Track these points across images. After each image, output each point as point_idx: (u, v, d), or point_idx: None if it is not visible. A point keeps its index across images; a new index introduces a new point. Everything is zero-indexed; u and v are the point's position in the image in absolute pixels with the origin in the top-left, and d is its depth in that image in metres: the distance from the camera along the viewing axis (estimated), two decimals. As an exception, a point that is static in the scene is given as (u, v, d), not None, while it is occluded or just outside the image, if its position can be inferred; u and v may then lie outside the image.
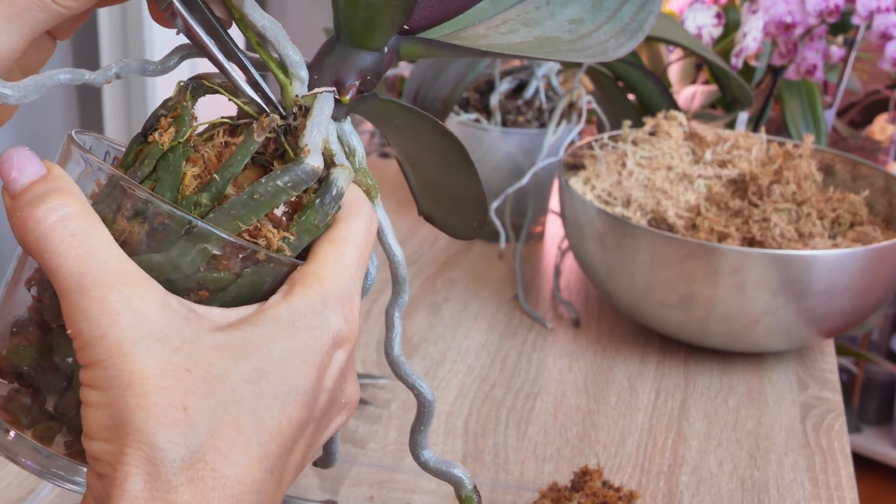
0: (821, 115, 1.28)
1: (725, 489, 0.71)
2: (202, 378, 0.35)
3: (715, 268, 0.79)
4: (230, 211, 0.39)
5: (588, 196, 0.91)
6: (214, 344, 0.36)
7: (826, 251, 0.79)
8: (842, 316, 0.83)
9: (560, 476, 0.71)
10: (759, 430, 0.78)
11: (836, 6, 1.13)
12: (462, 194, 0.51)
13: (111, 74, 0.43)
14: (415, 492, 0.69)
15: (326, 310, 0.38)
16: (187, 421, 0.34)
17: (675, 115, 0.98)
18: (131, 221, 0.38)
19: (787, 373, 0.86)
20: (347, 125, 0.44)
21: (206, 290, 0.38)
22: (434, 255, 1.05)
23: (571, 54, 0.47)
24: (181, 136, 0.40)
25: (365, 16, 0.43)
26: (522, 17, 0.49)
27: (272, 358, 0.37)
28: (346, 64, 0.44)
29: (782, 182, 0.89)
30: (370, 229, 0.41)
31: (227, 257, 0.38)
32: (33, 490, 0.67)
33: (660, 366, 0.87)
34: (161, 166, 0.40)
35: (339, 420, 0.41)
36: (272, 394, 0.36)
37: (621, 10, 0.50)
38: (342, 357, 0.39)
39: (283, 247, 0.39)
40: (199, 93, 0.43)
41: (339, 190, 0.40)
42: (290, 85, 0.43)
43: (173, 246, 0.37)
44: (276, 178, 0.39)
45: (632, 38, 0.48)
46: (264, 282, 0.39)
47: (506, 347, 0.88)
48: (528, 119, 1.05)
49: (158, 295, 0.36)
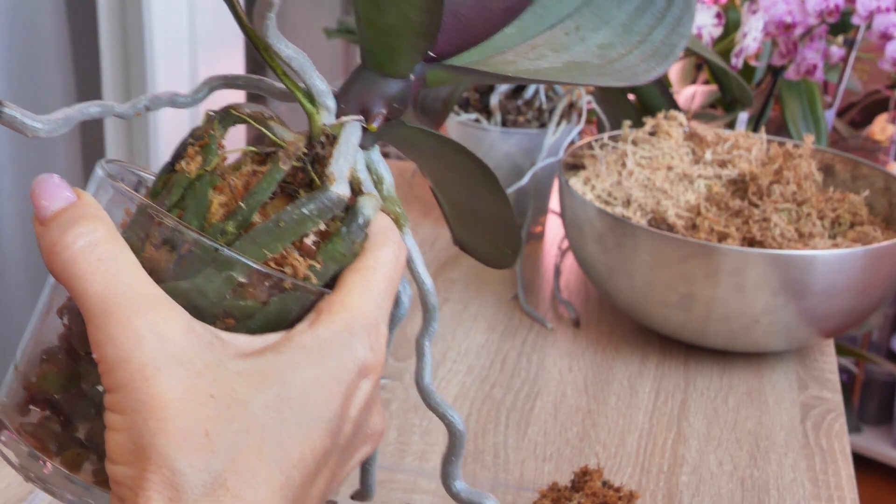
0: (821, 115, 1.28)
1: (725, 489, 0.71)
2: (225, 403, 0.35)
3: (715, 268, 0.79)
4: (256, 238, 0.39)
5: (588, 196, 0.91)
6: (238, 370, 0.36)
7: (826, 251, 0.79)
8: (842, 316, 0.83)
9: (560, 476, 0.71)
10: (759, 430, 0.78)
11: (836, 6, 1.13)
12: (493, 220, 0.50)
13: (141, 107, 0.44)
14: (415, 492, 0.69)
15: (352, 338, 0.38)
16: (209, 446, 0.34)
17: (675, 115, 0.98)
18: (159, 249, 0.38)
19: (787, 373, 0.86)
20: (375, 153, 0.44)
21: (233, 318, 0.38)
22: (434, 255, 1.05)
23: (601, 78, 0.47)
24: (208, 164, 0.40)
25: (389, 43, 0.43)
26: (551, 43, 0.48)
27: (296, 385, 0.36)
28: (372, 92, 0.44)
29: (782, 182, 0.89)
30: (398, 258, 0.41)
31: (254, 285, 0.38)
32: (33, 490, 0.67)
33: (660, 366, 0.87)
34: (188, 194, 0.40)
35: (365, 450, 0.41)
36: (295, 421, 0.36)
37: (652, 34, 0.49)
38: (367, 386, 0.39)
39: (309, 275, 0.39)
40: (228, 122, 0.43)
41: (366, 218, 0.40)
42: (317, 114, 0.43)
43: (199, 273, 0.37)
44: (301, 206, 0.39)
45: (663, 62, 0.48)
46: (291, 310, 0.39)
47: (506, 347, 0.88)
48: (528, 119, 1.05)
49: (183, 319, 0.36)
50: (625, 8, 0.51)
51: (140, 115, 0.45)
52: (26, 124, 0.39)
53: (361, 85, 0.44)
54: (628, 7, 0.51)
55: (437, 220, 1.13)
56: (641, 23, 0.50)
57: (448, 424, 0.47)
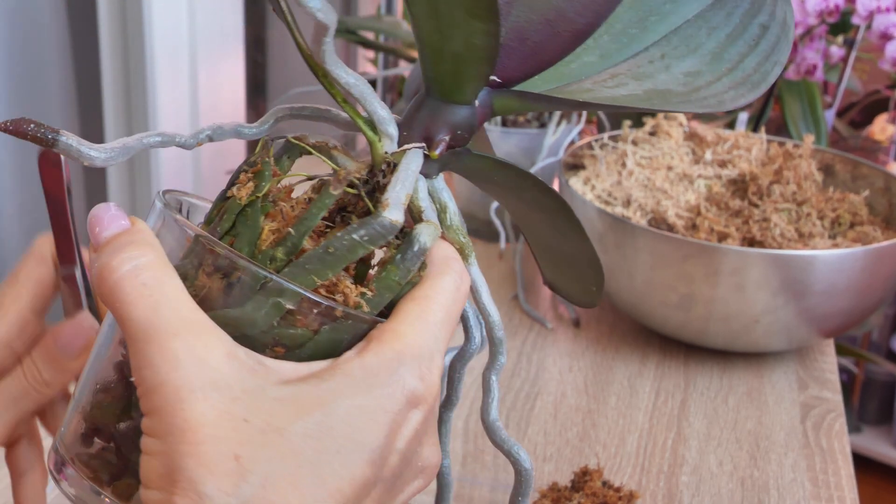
0: (821, 115, 1.28)
1: (725, 489, 0.71)
2: (259, 429, 0.34)
3: (715, 268, 0.79)
4: (305, 265, 0.38)
5: (588, 196, 0.91)
6: (278, 396, 0.35)
7: (826, 251, 0.79)
8: (842, 316, 0.83)
9: (560, 476, 0.71)
10: (759, 430, 0.78)
11: (836, 6, 1.13)
12: (575, 255, 0.48)
13: (203, 137, 0.43)
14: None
15: (402, 367, 0.37)
16: (239, 471, 0.34)
17: (675, 116, 0.98)
18: (211, 277, 0.37)
19: (787, 373, 0.86)
20: (439, 182, 0.44)
21: (283, 347, 0.37)
22: (434, 256, 1.05)
23: (683, 105, 0.45)
24: (259, 190, 0.40)
25: (451, 69, 0.42)
26: (633, 72, 0.47)
27: (338, 413, 0.36)
28: (435, 119, 0.43)
29: (782, 182, 0.89)
30: (459, 288, 0.40)
31: (303, 313, 0.37)
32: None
33: (660, 366, 0.87)
34: (240, 221, 0.40)
35: (417, 484, 0.40)
36: (335, 450, 0.35)
37: (744, 62, 0.48)
38: (417, 418, 0.38)
39: (360, 302, 0.38)
40: (294, 154, 0.43)
41: (422, 246, 0.40)
42: (378, 142, 0.42)
43: (248, 301, 0.37)
44: (352, 232, 0.38)
45: (753, 90, 0.46)
46: (342, 339, 0.38)
47: (506, 347, 0.88)
48: (528, 119, 1.05)
49: (225, 345, 0.36)
50: (715, 35, 0.49)
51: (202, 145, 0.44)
52: (82, 153, 0.38)
53: (425, 112, 0.43)
54: (719, 34, 0.49)
55: (437, 220, 1.13)
56: (733, 50, 0.48)
57: (514, 462, 0.46)
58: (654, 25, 0.50)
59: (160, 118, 1.27)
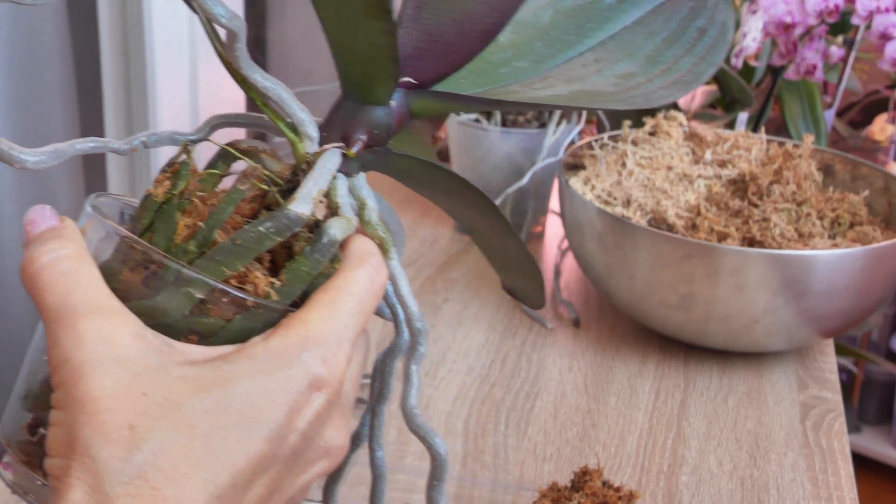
0: (820, 115, 1.28)
1: (725, 489, 0.71)
2: (157, 402, 0.36)
3: (715, 268, 0.79)
4: (215, 257, 0.40)
5: (588, 196, 0.91)
6: (181, 375, 0.37)
7: (826, 251, 0.79)
8: (841, 316, 0.83)
9: (560, 476, 0.72)
10: (759, 430, 0.78)
11: (835, 6, 1.13)
12: (516, 255, 0.50)
13: (137, 143, 0.45)
14: (414, 492, 0.69)
15: (306, 352, 0.39)
16: (132, 439, 0.36)
17: (675, 116, 0.98)
18: (133, 271, 0.40)
19: (786, 373, 0.86)
20: (359, 179, 0.45)
21: (196, 335, 0.40)
22: (434, 255, 1.05)
23: (608, 103, 0.47)
24: (175, 188, 0.42)
25: (361, 70, 0.43)
26: (565, 75, 0.48)
27: (238, 393, 0.38)
28: (352, 120, 0.45)
29: (782, 182, 0.89)
30: (374, 281, 0.42)
31: (215, 302, 0.39)
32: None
33: (660, 366, 0.87)
34: (157, 218, 0.42)
35: (322, 465, 0.41)
36: (232, 426, 0.37)
37: (679, 63, 0.49)
38: (320, 400, 0.39)
39: (269, 292, 0.40)
40: (228, 159, 0.45)
41: (332, 238, 0.41)
42: (300, 143, 0.44)
43: (162, 292, 0.39)
44: (259, 225, 0.40)
45: (684, 88, 0.47)
46: (255, 328, 0.40)
47: (506, 347, 0.88)
48: (527, 119, 1.05)
49: (133, 327, 0.38)
50: (652, 40, 0.50)
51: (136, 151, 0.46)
52: (13, 156, 0.41)
53: (342, 113, 0.45)
54: (656, 39, 0.50)
55: (436, 219, 1.13)
56: (669, 53, 0.49)
57: (430, 448, 0.47)
58: (591, 32, 0.51)
59: (160, 118, 1.27)
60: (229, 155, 0.45)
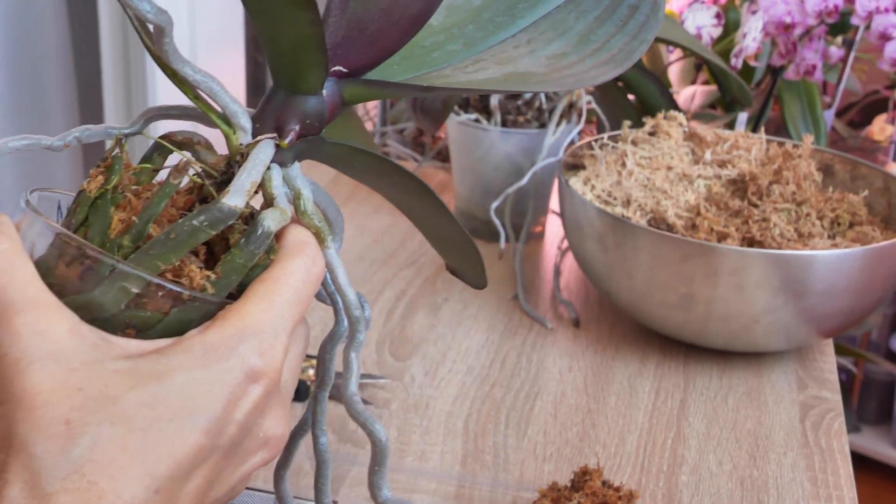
0: (820, 115, 1.28)
1: (725, 489, 0.71)
2: (93, 397, 0.37)
3: (714, 268, 0.79)
4: (149, 251, 0.40)
5: (588, 196, 0.91)
6: (117, 369, 0.38)
7: (825, 251, 0.79)
8: (841, 316, 0.83)
9: (560, 476, 0.72)
10: (759, 430, 0.78)
11: (835, 6, 1.13)
12: (454, 236, 0.50)
13: (71, 139, 0.45)
14: (415, 492, 0.70)
15: (242, 344, 0.39)
16: (68, 434, 0.36)
17: (675, 116, 0.98)
18: (69, 266, 0.40)
19: (786, 372, 0.87)
20: (294, 169, 0.45)
21: (133, 328, 0.40)
22: (434, 255, 1.05)
23: (541, 85, 0.47)
24: (108, 183, 0.42)
25: (290, 60, 0.43)
26: (497, 57, 0.48)
27: (174, 386, 0.38)
28: (284, 110, 0.45)
29: (782, 182, 0.89)
30: (310, 271, 0.42)
31: (150, 296, 0.40)
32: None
33: (659, 366, 0.87)
34: (91, 212, 0.42)
35: (262, 455, 0.42)
36: (168, 418, 0.37)
37: (610, 42, 0.49)
38: (258, 391, 0.40)
39: (204, 285, 0.41)
40: (165, 150, 0.45)
41: (266, 229, 0.41)
42: (233, 134, 0.44)
43: (97, 286, 0.39)
44: (192, 218, 0.40)
45: (617, 67, 0.47)
46: (191, 320, 0.40)
47: (506, 347, 0.89)
48: (527, 119, 1.06)
49: (69, 322, 0.38)
50: (584, 18, 0.50)
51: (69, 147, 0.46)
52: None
53: (275, 104, 0.45)
54: (588, 17, 0.50)
55: (436, 220, 1.13)
56: (601, 32, 0.49)
57: (370, 435, 0.48)
58: (523, 12, 0.51)
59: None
60: (164, 147, 0.45)
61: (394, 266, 1.02)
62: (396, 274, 1.00)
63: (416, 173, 0.46)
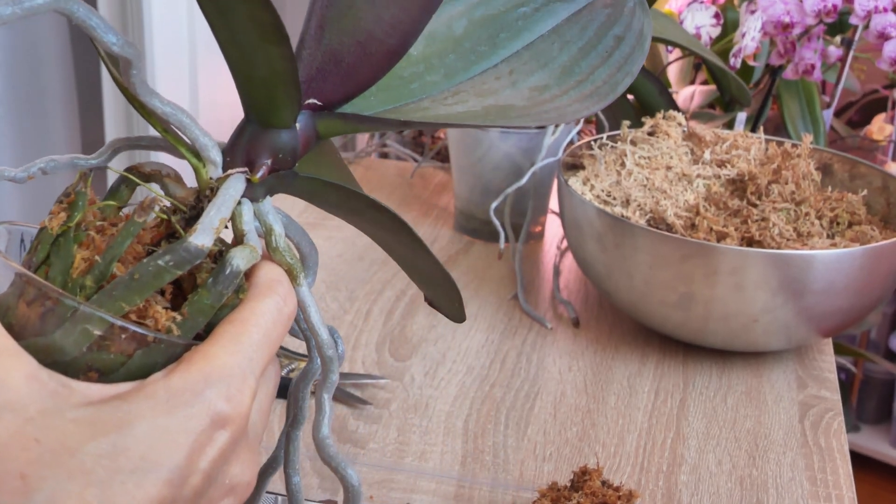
0: (819, 114, 1.28)
1: (724, 488, 0.71)
2: (50, 449, 0.35)
3: (714, 267, 0.80)
4: (112, 292, 0.39)
5: (587, 196, 0.91)
6: (76, 417, 0.36)
7: (825, 251, 0.79)
8: (840, 315, 0.83)
9: (559, 476, 0.72)
10: (758, 430, 0.78)
11: (833, 6, 1.13)
12: (426, 270, 0.48)
13: (35, 170, 0.44)
14: (414, 492, 0.70)
15: (208, 388, 0.38)
16: (24, 490, 0.34)
17: (674, 115, 0.98)
18: (30, 306, 0.38)
19: (785, 372, 0.87)
20: (266, 205, 0.44)
21: (96, 371, 0.38)
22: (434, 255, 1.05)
23: (521, 119, 0.45)
24: (71, 220, 0.41)
25: (263, 94, 0.42)
26: (477, 89, 0.47)
27: (135, 434, 0.36)
28: (256, 144, 0.43)
29: (781, 182, 0.89)
30: (281, 311, 0.41)
31: (114, 338, 0.38)
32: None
33: (659, 365, 0.87)
34: (53, 251, 0.40)
35: (227, 502, 0.40)
36: (130, 469, 0.36)
37: (595, 74, 0.47)
38: (223, 438, 0.38)
39: (171, 327, 0.39)
40: (132, 183, 0.44)
41: (234, 269, 0.40)
42: (203, 168, 0.43)
43: (58, 328, 0.38)
44: (157, 258, 0.39)
45: (601, 100, 0.46)
46: (156, 363, 0.39)
47: (505, 347, 0.89)
48: (527, 119, 1.06)
49: (27, 368, 0.36)
50: (568, 49, 0.49)
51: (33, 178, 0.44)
52: None
53: (246, 138, 0.44)
54: (572, 48, 0.49)
55: (436, 219, 1.13)
56: (584, 63, 0.48)
57: (342, 479, 0.46)
58: (504, 42, 0.49)
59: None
60: (131, 181, 0.43)
61: (394, 266, 1.02)
62: (396, 274, 1.00)
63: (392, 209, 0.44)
